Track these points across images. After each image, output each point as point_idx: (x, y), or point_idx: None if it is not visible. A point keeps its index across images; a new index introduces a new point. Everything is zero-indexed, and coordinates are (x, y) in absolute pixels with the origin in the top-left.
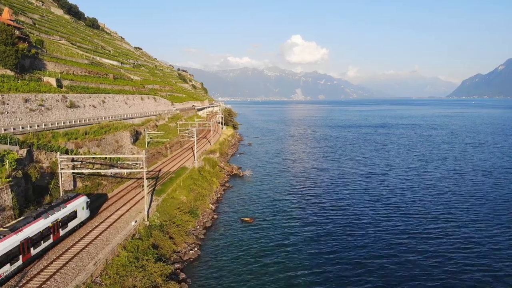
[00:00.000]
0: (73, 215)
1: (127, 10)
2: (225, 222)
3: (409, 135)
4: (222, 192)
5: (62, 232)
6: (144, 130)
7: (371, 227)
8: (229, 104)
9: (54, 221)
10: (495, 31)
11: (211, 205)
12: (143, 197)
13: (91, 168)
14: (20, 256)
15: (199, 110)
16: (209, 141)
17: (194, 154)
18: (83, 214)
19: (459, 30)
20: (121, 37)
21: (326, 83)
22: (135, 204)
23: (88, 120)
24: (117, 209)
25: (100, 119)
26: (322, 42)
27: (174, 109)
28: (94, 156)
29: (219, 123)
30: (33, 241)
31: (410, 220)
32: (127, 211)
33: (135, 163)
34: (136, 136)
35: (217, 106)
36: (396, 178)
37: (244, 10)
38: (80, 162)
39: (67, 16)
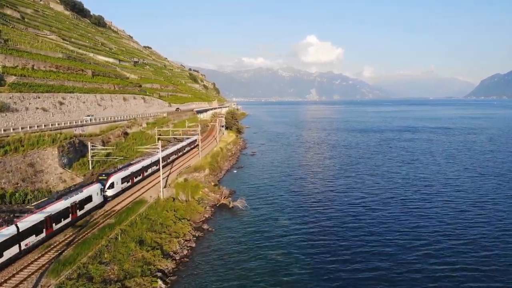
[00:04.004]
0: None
1: (143, 11)
2: None
3: (441, 141)
4: (193, 245)
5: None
6: (98, 144)
7: None
8: (241, 105)
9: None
10: None
11: (160, 286)
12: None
13: None
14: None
15: (200, 112)
16: (199, 152)
17: (161, 179)
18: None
19: (476, 29)
20: (129, 35)
21: (342, 83)
22: None
23: (38, 127)
24: None
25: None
26: (337, 42)
27: (161, 111)
28: None
29: (222, 126)
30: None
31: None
32: None
33: None
34: (81, 153)
35: (227, 107)
36: (445, 210)
37: (259, 10)
38: None
39: (67, 13)
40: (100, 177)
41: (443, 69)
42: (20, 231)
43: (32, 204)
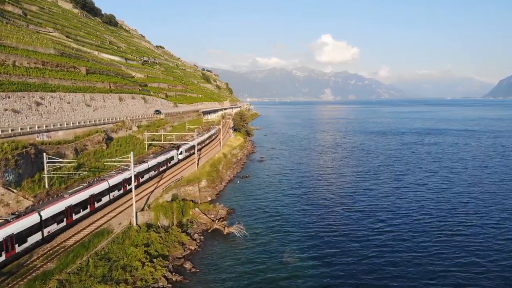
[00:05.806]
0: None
1: (159, 14)
2: None
3: (469, 145)
4: None
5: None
6: (70, 153)
7: None
8: (255, 105)
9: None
10: None
11: None
12: None
13: None
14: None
15: (207, 113)
16: (198, 160)
17: (134, 201)
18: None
19: (494, 28)
20: (141, 35)
21: (357, 83)
22: None
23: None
24: None
25: None
26: (352, 41)
27: (159, 112)
28: None
29: (230, 128)
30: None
31: None
32: None
33: None
34: (41, 166)
35: (239, 107)
36: (490, 237)
37: (274, 10)
38: None
39: (76, 11)
40: (173, 147)
41: (460, 68)
42: None
43: None
